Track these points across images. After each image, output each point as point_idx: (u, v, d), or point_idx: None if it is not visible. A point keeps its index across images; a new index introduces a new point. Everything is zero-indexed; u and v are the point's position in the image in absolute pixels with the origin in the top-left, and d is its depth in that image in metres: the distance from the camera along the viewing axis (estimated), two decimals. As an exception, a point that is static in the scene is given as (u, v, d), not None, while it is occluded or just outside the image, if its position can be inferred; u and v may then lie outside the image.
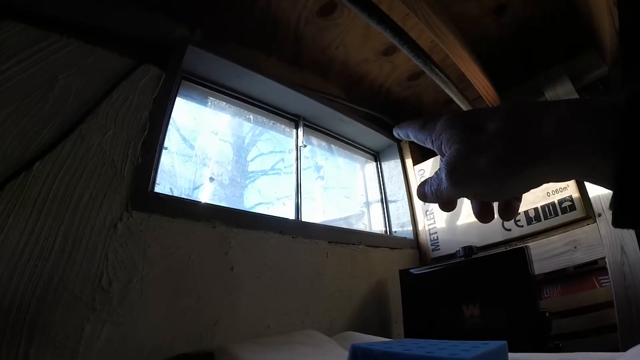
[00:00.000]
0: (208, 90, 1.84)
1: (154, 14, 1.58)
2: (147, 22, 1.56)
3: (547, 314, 1.38)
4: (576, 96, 1.83)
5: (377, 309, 1.87)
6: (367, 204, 2.53)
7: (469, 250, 1.69)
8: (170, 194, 1.52)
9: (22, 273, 0.96)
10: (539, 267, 1.68)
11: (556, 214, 1.79)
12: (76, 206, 1.11)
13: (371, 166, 2.66)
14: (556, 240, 1.75)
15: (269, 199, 2.00)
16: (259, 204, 1.98)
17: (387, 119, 2.53)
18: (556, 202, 1.80)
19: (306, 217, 1.93)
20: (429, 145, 0.47)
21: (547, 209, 1.82)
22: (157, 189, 1.36)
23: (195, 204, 1.41)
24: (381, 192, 2.55)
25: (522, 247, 1.51)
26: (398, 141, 2.57)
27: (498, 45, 2.10)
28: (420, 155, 2.56)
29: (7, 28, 1.17)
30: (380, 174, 2.62)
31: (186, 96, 1.75)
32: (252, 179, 2.03)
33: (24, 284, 0.95)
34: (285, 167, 2.09)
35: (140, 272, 1.14)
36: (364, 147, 2.61)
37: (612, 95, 0.32)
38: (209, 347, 1.18)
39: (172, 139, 1.63)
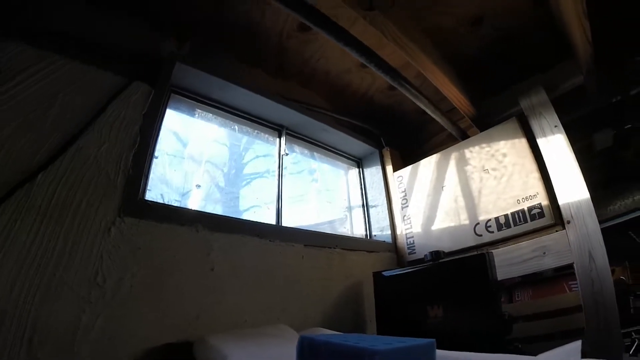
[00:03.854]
0: (195, 102, 2.06)
1: (144, 28, 1.83)
2: (138, 36, 1.80)
3: (507, 317, 1.56)
4: (550, 106, 2.00)
5: (353, 309, 2.09)
6: (350, 208, 2.75)
7: (435, 254, 1.89)
8: (161, 199, 1.76)
9: (28, 270, 1.18)
10: (509, 271, 1.87)
11: (525, 221, 1.95)
12: (75, 212, 1.33)
13: (354, 172, 2.89)
14: (525, 246, 1.91)
15: (255, 203, 2.23)
16: (247, 209, 2.21)
17: (370, 127, 2.77)
18: (526, 209, 1.96)
19: (290, 221, 2.17)
20: None
21: (516, 216, 1.99)
22: (149, 195, 1.59)
23: (180, 210, 1.64)
24: (363, 197, 2.77)
25: (484, 253, 1.69)
26: (380, 148, 2.80)
27: (476, 56, 2.29)
28: (401, 162, 2.78)
29: (10, 49, 1.38)
30: (362, 180, 2.84)
31: (176, 108, 1.98)
32: (239, 186, 2.26)
33: (30, 280, 1.17)
34: (270, 171, 2.32)
35: (130, 271, 1.37)
36: (347, 154, 2.84)
37: None
38: (191, 338, 1.39)
39: (163, 147, 1.85)
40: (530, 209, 1.96)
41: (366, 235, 2.64)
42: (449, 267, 1.84)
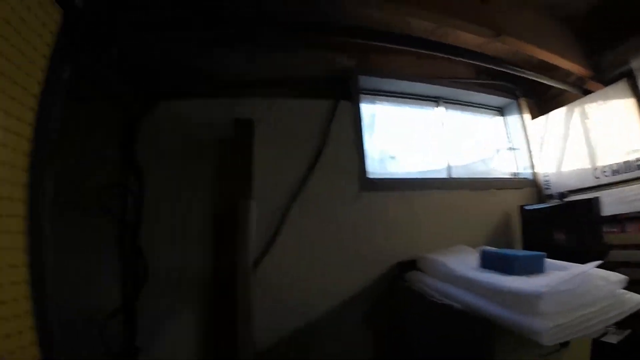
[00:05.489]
0: (374, 96, 2.90)
1: (324, 55, 2.56)
2: (325, 63, 2.57)
3: (605, 244, 2.18)
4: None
5: (505, 234, 2.86)
6: (497, 151, 3.38)
7: (562, 195, 2.65)
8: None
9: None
10: (619, 208, 2.36)
11: (632, 170, 2.37)
12: (335, 194, 2.32)
13: (497, 120, 3.48)
14: (633, 189, 2.33)
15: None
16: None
17: (505, 82, 3.29)
18: (632, 160, 2.36)
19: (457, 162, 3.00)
20: None
21: (625, 165, 2.41)
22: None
23: (389, 180, 2.58)
24: (507, 141, 3.39)
25: (590, 199, 2.33)
26: (516, 99, 3.34)
27: (590, 16, 2.60)
28: (536, 109, 3.27)
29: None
30: (505, 127, 3.45)
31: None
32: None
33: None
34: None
35: (383, 222, 2.40)
36: (490, 106, 3.43)
37: None
38: (412, 258, 2.29)
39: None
40: (637, 159, 2.35)
41: (512, 173, 3.28)
42: (569, 205, 2.55)
